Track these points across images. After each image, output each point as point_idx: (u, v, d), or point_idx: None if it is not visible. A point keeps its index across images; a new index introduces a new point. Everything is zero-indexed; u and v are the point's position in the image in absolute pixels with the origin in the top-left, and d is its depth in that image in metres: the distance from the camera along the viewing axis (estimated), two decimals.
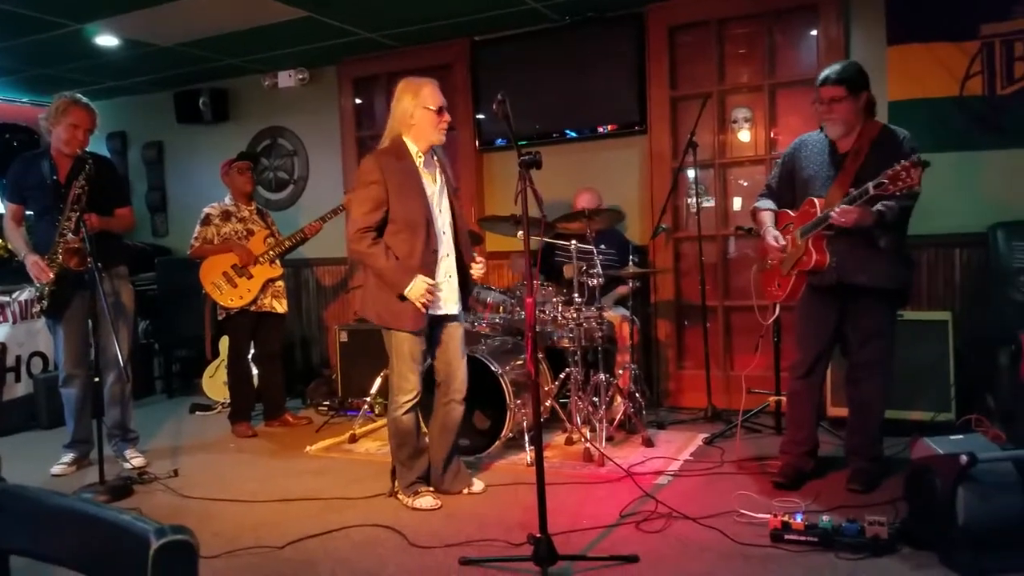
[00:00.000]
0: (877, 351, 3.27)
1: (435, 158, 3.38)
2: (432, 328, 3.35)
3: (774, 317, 3.39)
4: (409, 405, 3.31)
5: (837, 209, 3.02)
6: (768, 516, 2.84)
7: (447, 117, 3.30)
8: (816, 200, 3.19)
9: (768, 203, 3.51)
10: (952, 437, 2.90)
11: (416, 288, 3.16)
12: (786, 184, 3.44)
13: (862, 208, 3.02)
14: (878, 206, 3.04)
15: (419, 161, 3.28)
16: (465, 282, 3.45)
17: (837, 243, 3.16)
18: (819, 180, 3.27)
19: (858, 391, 3.34)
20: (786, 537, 2.74)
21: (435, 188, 3.32)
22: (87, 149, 3.99)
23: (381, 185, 3.18)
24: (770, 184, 3.56)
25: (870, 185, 2.94)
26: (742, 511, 3.02)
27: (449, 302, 3.36)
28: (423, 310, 3.21)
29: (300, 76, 6.10)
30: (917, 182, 2.87)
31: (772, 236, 3.37)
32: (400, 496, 3.40)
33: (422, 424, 3.48)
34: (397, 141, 3.28)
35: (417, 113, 3.23)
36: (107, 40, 5.16)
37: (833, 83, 3.17)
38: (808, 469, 3.43)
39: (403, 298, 3.19)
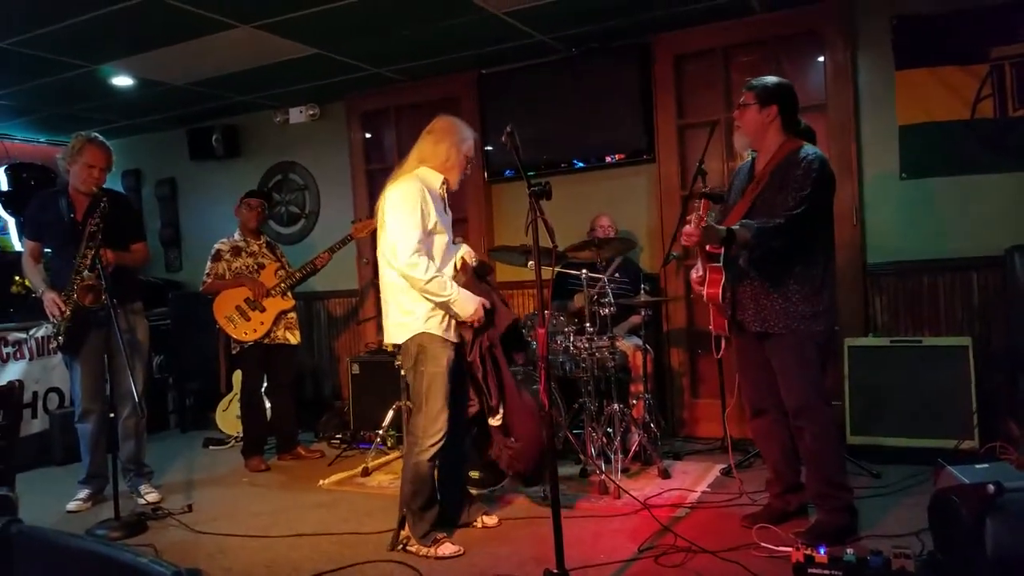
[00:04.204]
0: (798, 396, 3.00)
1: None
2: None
3: (720, 352, 3.25)
4: (436, 448, 3.18)
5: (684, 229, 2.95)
6: (790, 549, 2.78)
7: (470, 168, 3.45)
8: None
9: None
10: (977, 466, 2.83)
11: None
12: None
13: (704, 227, 2.86)
14: (736, 224, 2.88)
15: (443, 191, 3.35)
16: None
17: (730, 278, 3.01)
18: (732, 207, 3.16)
19: (800, 442, 3.10)
20: (809, 571, 2.67)
21: (448, 219, 3.38)
22: (103, 186, 4.03)
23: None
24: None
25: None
26: (763, 544, 2.96)
27: None
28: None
29: (310, 112, 6.18)
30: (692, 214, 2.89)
31: (695, 268, 3.22)
32: (413, 547, 3.20)
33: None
34: (423, 170, 3.33)
35: (454, 158, 3.32)
36: (122, 80, 5.25)
37: (745, 88, 3.11)
38: (792, 508, 3.24)
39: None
